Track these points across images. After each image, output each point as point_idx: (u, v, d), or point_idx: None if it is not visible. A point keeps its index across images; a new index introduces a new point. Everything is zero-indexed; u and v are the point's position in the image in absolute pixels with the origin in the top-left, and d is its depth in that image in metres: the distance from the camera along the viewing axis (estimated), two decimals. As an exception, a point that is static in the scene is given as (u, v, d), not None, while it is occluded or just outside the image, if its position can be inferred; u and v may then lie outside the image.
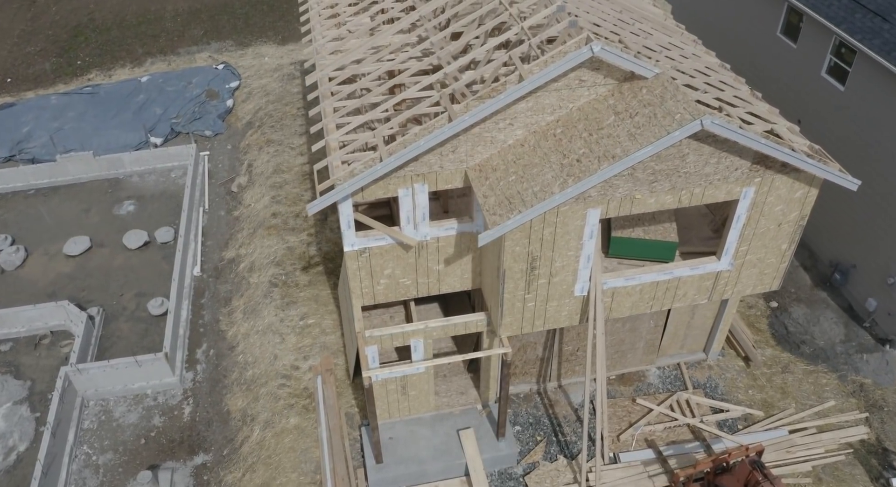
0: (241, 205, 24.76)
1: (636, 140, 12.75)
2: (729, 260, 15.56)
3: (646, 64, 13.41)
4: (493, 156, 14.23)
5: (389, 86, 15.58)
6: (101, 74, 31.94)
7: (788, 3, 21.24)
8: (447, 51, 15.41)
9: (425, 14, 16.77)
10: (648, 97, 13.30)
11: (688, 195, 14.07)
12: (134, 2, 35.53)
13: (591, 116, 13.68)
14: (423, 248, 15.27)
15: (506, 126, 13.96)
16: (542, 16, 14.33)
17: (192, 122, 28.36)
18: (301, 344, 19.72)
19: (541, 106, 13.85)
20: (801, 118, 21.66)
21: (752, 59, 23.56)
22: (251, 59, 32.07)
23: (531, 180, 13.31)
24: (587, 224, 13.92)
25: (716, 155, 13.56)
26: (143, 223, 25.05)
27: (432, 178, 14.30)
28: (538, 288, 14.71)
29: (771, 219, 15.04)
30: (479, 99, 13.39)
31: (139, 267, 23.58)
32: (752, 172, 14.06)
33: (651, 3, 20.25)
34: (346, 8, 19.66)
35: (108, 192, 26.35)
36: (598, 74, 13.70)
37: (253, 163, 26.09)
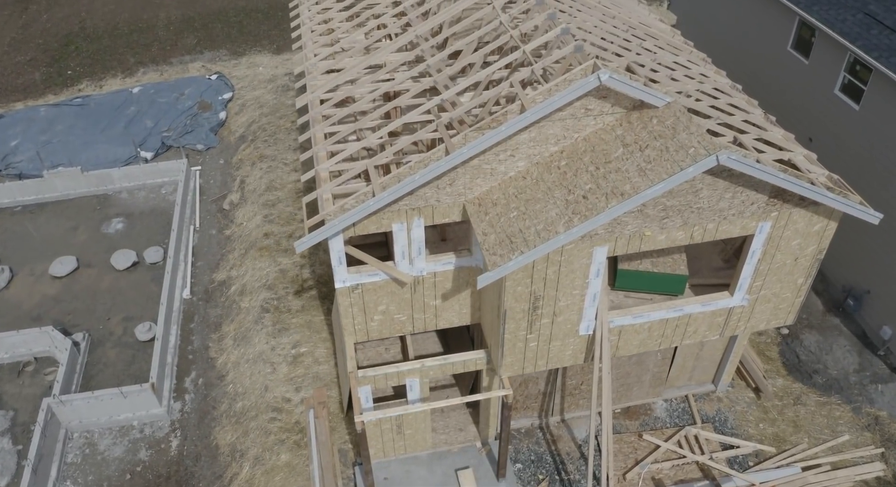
0: (233, 223, 23.79)
1: (646, 176, 11.78)
2: (742, 296, 14.61)
3: (656, 92, 12.43)
4: (493, 188, 13.26)
5: (385, 110, 14.60)
6: (92, 85, 30.93)
7: (800, 17, 20.25)
8: (445, 74, 14.43)
9: (422, 33, 15.78)
10: (659, 128, 12.32)
11: (700, 231, 13.11)
12: (126, 9, 34.50)
13: (597, 148, 12.71)
14: (419, 284, 14.30)
15: (507, 157, 12.99)
16: (546, 38, 13.35)
17: (183, 136, 27.36)
18: (293, 374, 18.76)
19: (544, 136, 12.87)
20: (812, 136, 20.69)
21: (762, 73, 22.57)
22: (245, 69, 31.07)
23: (534, 217, 12.34)
24: (593, 262, 12.96)
25: (731, 189, 12.60)
26: (131, 242, 24.07)
27: (428, 212, 13.33)
28: (541, 327, 13.76)
29: (787, 254, 14.08)
30: (479, 130, 12.41)
31: (127, 290, 22.61)
32: (769, 206, 13.10)
33: (658, 19, 19.25)
34: (340, 23, 18.66)
35: (96, 209, 25.37)
36: (605, 103, 12.72)
37: (245, 179, 25.11)
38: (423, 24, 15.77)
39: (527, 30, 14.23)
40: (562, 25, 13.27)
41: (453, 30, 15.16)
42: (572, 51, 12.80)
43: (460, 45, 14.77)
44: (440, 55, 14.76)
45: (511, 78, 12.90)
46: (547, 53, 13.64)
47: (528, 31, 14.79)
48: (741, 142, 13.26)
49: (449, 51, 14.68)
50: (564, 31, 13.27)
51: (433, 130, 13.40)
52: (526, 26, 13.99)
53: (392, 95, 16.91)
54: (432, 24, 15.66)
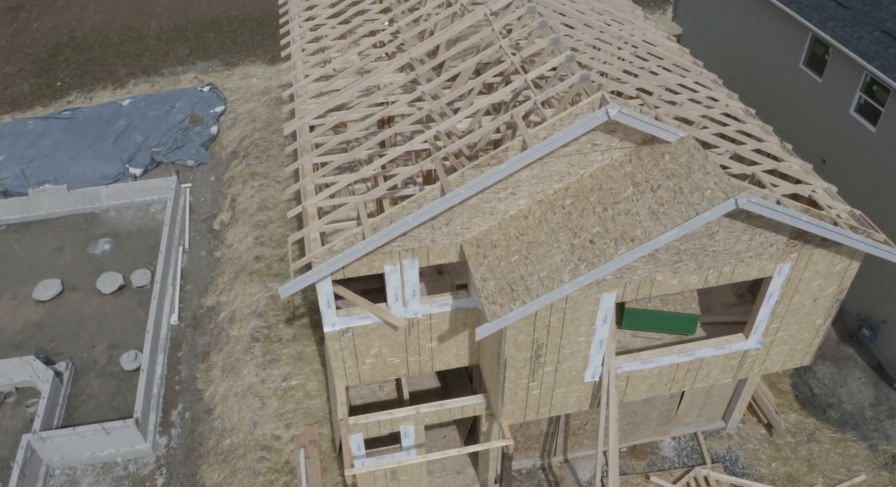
0: (224, 244, 22.77)
1: (659, 220, 10.76)
2: (758, 339, 13.60)
3: (669, 127, 11.39)
4: (492, 228, 12.23)
5: (380, 139, 13.56)
6: (82, 96, 29.87)
7: (813, 33, 19.20)
8: (442, 102, 13.39)
9: (417, 55, 14.74)
10: (672, 166, 11.29)
11: (715, 274, 12.09)
12: (117, 18, 33.39)
13: (605, 186, 11.68)
14: (414, 326, 13.29)
15: (507, 196, 11.96)
16: (550, 66, 12.31)
17: (173, 151, 26.32)
18: (283, 409, 17.76)
19: (547, 173, 11.85)
20: (825, 158, 19.65)
21: (772, 90, 21.52)
22: (238, 80, 30.00)
23: (537, 262, 11.31)
24: (601, 309, 11.95)
25: (749, 231, 11.58)
26: (118, 263, 23.04)
27: (423, 253, 12.31)
28: (544, 375, 12.75)
29: (807, 295, 13.07)
30: (477, 168, 11.38)
31: (113, 315, 21.59)
32: (789, 248, 12.08)
33: (665, 36, 18.20)
34: (333, 41, 17.60)
35: (83, 229, 24.33)
36: (613, 137, 11.69)
37: (237, 198, 24.07)
38: (419, 46, 14.73)
39: (528, 55, 13.19)
40: (566, 52, 12.23)
41: (451, 52, 14.12)
42: (578, 81, 11.77)
43: (458, 70, 13.74)
44: (437, 81, 13.72)
45: (512, 110, 11.86)
46: (550, 81, 12.61)
47: (529, 56, 13.76)
48: (759, 179, 12.25)
49: (446, 76, 13.64)
50: (569, 59, 12.23)
51: (429, 161, 12.38)
52: (527, 51, 12.95)
53: (387, 121, 15.90)
54: (428, 46, 14.61)
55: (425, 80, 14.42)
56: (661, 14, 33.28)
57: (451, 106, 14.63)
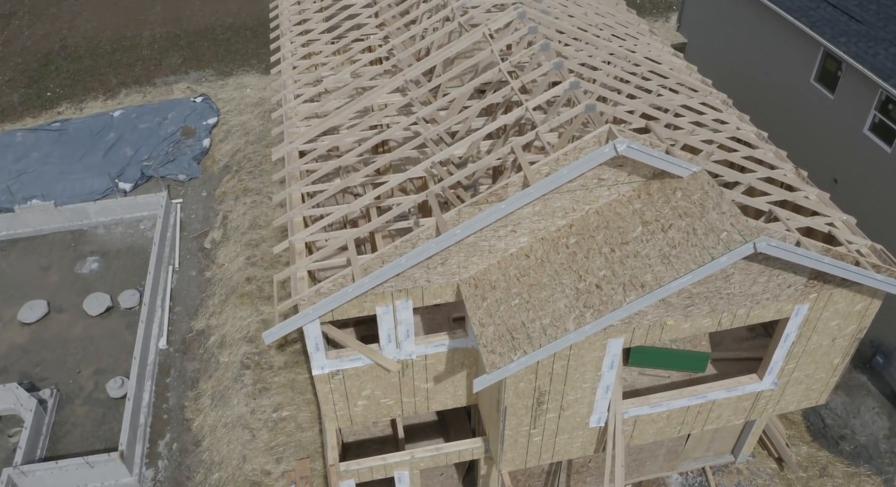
0: (214, 264, 21.90)
1: (671, 264, 9.89)
2: (772, 380, 12.75)
3: (681, 162, 10.52)
4: (491, 267, 11.37)
5: (372, 169, 12.68)
6: (72, 107, 28.97)
7: (824, 47, 18.31)
8: (438, 129, 12.52)
9: (412, 77, 13.85)
10: (685, 204, 10.42)
11: (729, 317, 11.23)
12: (109, 26, 32.46)
13: (612, 224, 10.81)
14: (409, 367, 12.44)
15: (507, 233, 11.10)
16: (553, 93, 11.44)
17: (164, 165, 25.43)
18: (274, 442, 16.91)
19: (550, 209, 10.98)
20: (837, 178, 18.78)
21: (781, 106, 20.63)
22: (232, 91, 29.10)
23: (539, 308, 10.45)
24: (607, 355, 11.10)
25: (766, 273, 10.72)
26: (106, 283, 22.18)
27: (417, 293, 11.45)
28: (546, 422, 11.90)
29: (825, 335, 12.22)
30: (475, 205, 10.52)
31: (100, 338, 20.73)
32: (808, 288, 11.23)
33: (672, 53, 17.31)
34: (326, 58, 16.70)
35: (70, 247, 23.47)
36: (620, 172, 10.82)
37: (228, 215, 23.20)
38: (415, 67, 13.84)
39: (530, 80, 12.31)
40: (570, 79, 11.36)
41: (447, 75, 13.24)
42: (583, 111, 10.91)
43: (455, 95, 12.87)
44: (433, 106, 12.85)
45: (513, 143, 10.99)
46: (553, 109, 11.73)
47: (531, 81, 12.88)
48: (776, 215, 11.38)
49: (443, 101, 12.77)
50: (573, 86, 11.36)
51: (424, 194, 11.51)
52: (529, 76, 12.07)
53: (382, 145, 15.04)
54: (424, 67, 13.73)
55: (420, 104, 13.55)
56: (663, 22, 32.37)
57: (449, 129, 13.77)
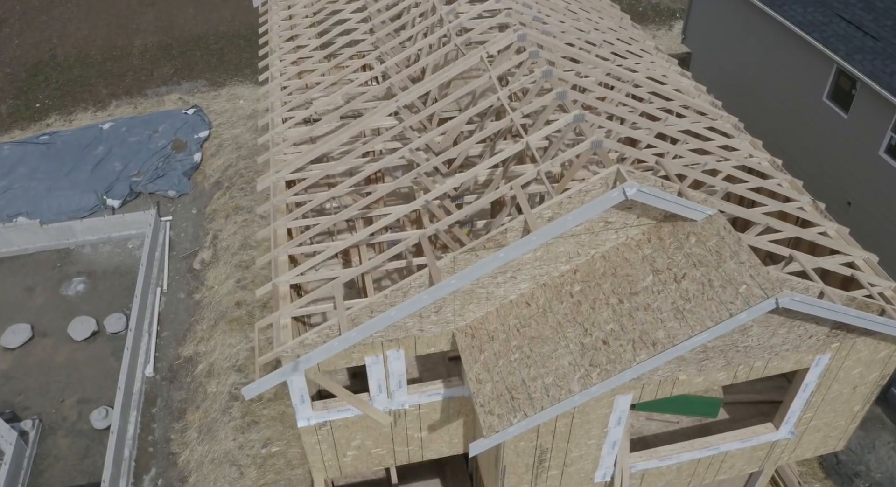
0: (204, 286, 21.01)
1: (685, 320, 8.99)
2: (789, 429, 11.86)
3: (695, 205, 9.61)
4: (489, 315, 10.46)
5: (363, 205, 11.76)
6: (61, 119, 28.05)
7: (838, 65, 17.39)
8: (434, 162, 11.60)
9: (405, 102, 12.92)
10: (699, 251, 9.51)
11: (746, 370, 10.34)
12: (100, 35, 31.50)
13: (620, 271, 9.91)
14: (401, 417, 11.55)
15: (506, 280, 10.20)
16: (556, 127, 10.53)
17: (154, 181, 24.53)
18: (262, 480, 16.04)
19: (553, 254, 10.08)
20: (850, 200, 17.88)
21: (791, 124, 19.71)
22: (225, 102, 28.17)
23: (541, 364, 9.55)
24: (614, 411, 10.20)
25: (786, 324, 9.82)
26: (92, 306, 21.29)
27: (409, 343, 10.55)
28: (548, 479, 11.01)
29: (846, 383, 11.33)
30: (472, 251, 9.62)
31: (84, 365, 19.85)
32: (830, 338, 10.33)
33: (679, 72, 16.35)
34: (318, 78, 15.75)
35: (56, 267, 22.58)
36: (629, 214, 9.92)
37: (219, 234, 22.30)
38: (409, 93, 12.93)
39: (531, 111, 11.39)
40: (575, 112, 10.44)
41: (442, 104, 12.32)
42: (588, 148, 9.99)
43: (451, 125, 11.96)
44: (429, 135, 11.93)
45: (513, 183, 10.08)
46: (556, 143, 10.82)
47: (532, 112, 11.97)
48: (796, 259, 10.48)
49: (437, 131, 11.85)
50: (578, 119, 10.44)
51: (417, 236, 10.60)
52: (529, 107, 11.15)
53: (375, 176, 14.14)
54: (419, 92, 12.80)
55: (415, 131, 12.63)
56: (666, 30, 31.42)
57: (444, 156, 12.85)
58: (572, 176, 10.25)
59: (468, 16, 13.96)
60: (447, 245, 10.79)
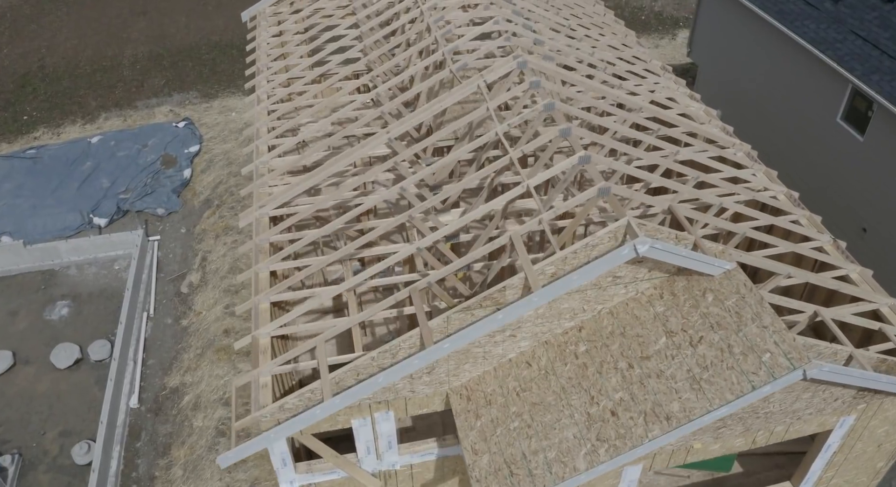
0: (192, 311, 20.09)
1: (702, 391, 8.08)
2: (810, 490, 10.98)
3: (712, 259, 8.70)
4: (486, 374, 9.56)
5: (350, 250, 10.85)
6: (49, 132, 27.09)
7: (853, 85, 16.45)
8: (427, 205, 10.67)
9: (397, 134, 11.99)
10: (717, 311, 8.60)
11: (766, 435, 9.44)
12: (89, 45, 30.52)
13: (629, 331, 8.99)
14: (392, 477, 10.65)
15: (505, 338, 9.29)
16: (559, 169, 9.61)
17: (142, 198, 23.58)
18: (249, 524, 15.16)
19: (556, 311, 9.17)
20: (866, 227, 16.95)
21: (803, 144, 18.76)
22: (216, 114, 27.20)
23: (543, 435, 8.64)
24: (623, 480, 9.30)
25: (811, 389, 8.92)
26: (76, 331, 20.36)
27: (399, 404, 9.65)
28: (550, 549, 10.11)
29: (870, 442, 10.43)
30: (467, 310, 8.71)
31: (67, 395, 18.93)
32: (856, 399, 9.43)
33: (688, 94, 15.41)
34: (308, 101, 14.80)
35: (40, 289, 21.64)
36: (639, 268, 9.01)
37: (207, 255, 21.37)
38: (401, 124, 12.01)
39: (532, 149, 10.45)
40: (580, 152, 9.51)
41: (436, 136, 11.39)
42: (595, 195, 9.07)
43: (445, 162, 11.03)
44: (422, 173, 11.01)
45: (511, 233, 9.16)
46: (559, 188, 9.89)
47: (534, 150, 11.05)
48: (821, 316, 9.56)
49: (430, 170, 10.93)
50: (584, 160, 9.51)
51: (406, 291, 9.69)
52: (531, 145, 10.23)
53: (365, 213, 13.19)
54: (412, 123, 11.87)
55: (409, 168, 11.70)
56: (670, 39, 30.43)
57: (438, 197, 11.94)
58: (577, 224, 9.33)
59: (465, 39, 13.03)
60: (440, 299, 9.86)
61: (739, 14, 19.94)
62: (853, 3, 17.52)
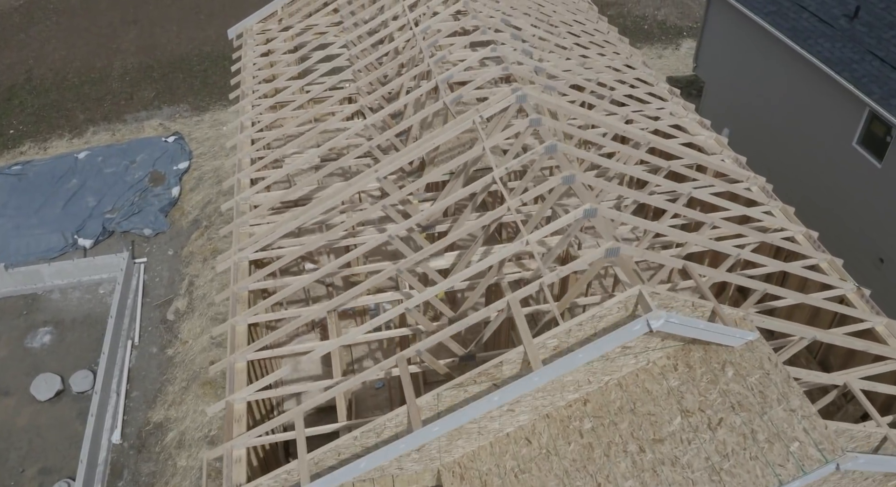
0: (178, 339, 19.15)
1: (723, 484, 7.13)
2: (834, 565, 10.03)
3: (734, 331, 7.75)
4: (481, 450, 8.60)
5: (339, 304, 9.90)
6: (36, 146, 26.13)
7: (871, 109, 15.46)
8: (416, 258, 9.72)
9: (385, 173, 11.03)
10: (738, 389, 7.65)
11: (791, 518, 8.49)
12: (78, 56, 29.53)
13: (640, 407, 8.04)
14: (380, 552, 9.72)
15: (503, 413, 8.34)
16: (562, 223, 8.65)
17: (129, 218, 22.63)
18: None
19: (559, 383, 8.22)
20: (883, 257, 15.99)
21: (816, 169, 17.77)
22: (207, 128, 26.23)
23: (544, 527, 7.71)
24: (632, 571, 8.36)
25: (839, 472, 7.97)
26: (58, 360, 19.42)
27: (386, 482, 8.70)
28: None
29: (903, 516, 9.49)
30: (460, 387, 7.77)
31: (47, 429, 18.00)
32: (888, 477, 8.49)
33: (697, 120, 14.42)
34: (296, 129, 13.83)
35: (21, 315, 20.70)
36: (652, 337, 8.05)
37: (195, 280, 20.43)
38: (391, 161, 11.04)
39: (531, 198, 9.47)
40: (585, 206, 8.55)
41: (426, 179, 10.43)
42: (602, 255, 8.11)
43: (437, 209, 10.07)
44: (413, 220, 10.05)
45: (510, 298, 8.21)
46: (562, 243, 8.93)
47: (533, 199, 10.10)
48: (850, 387, 8.62)
49: (423, 216, 9.97)
50: (589, 214, 8.55)
51: (393, 359, 8.74)
52: (530, 194, 9.26)
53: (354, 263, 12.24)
54: (403, 161, 10.91)
55: (397, 217, 10.74)
56: (673, 49, 29.41)
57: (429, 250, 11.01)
58: (580, 290, 8.38)
59: (461, 67, 12.06)
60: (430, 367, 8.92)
61: (748, 29, 18.94)
62: (870, 21, 16.53)
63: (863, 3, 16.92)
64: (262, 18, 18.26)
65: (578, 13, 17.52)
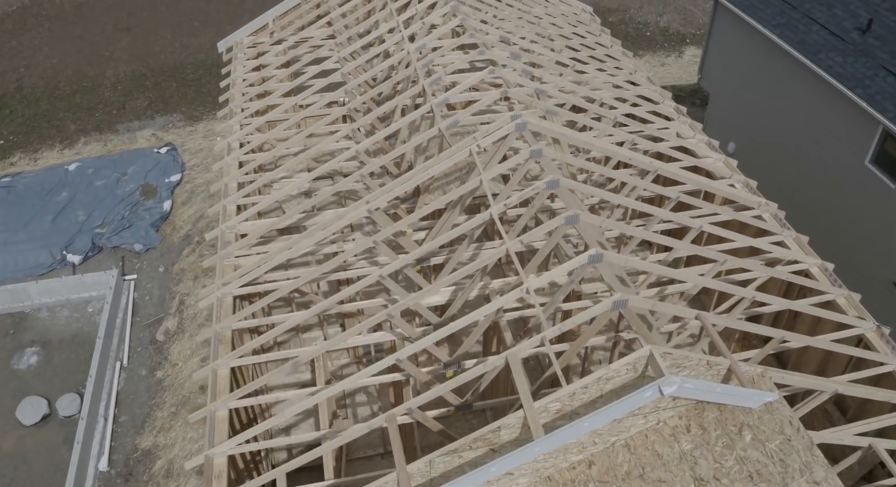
0: (167, 361, 18.51)
1: (743, 566, 6.48)
2: None
3: (752, 392, 7.08)
4: (478, 513, 7.96)
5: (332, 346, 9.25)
6: (26, 157, 25.46)
7: (885, 127, 14.78)
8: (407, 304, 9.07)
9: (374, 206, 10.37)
10: (757, 456, 6.99)
11: None
12: (70, 64, 28.84)
13: (649, 472, 7.38)
14: None
15: (500, 477, 7.68)
16: (566, 269, 7.99)
17: (119, 233, 21.97)
18: None
19: (562, 446, 7.56)
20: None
21: (827, 187, 17.08)
22: (201, 139, 25.56)
23: None
24: None
25: (870, 543, 7.33)
26: (45, 382, 18.78)
27: (376, 547, 8.06)
28: None
29: None
30: (454, 453, 7.11)
31: (33, 455, 17.37)
32: (920, 543, 7.84)
33: (706, 142, 13.74)
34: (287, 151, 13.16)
35: (8, 334, 20.05)
36: (663, 398, 7.39)
37: (185, 299, 19.78)
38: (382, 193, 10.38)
39: (531, 240, 8.81)
40: (591, 251, 7.88)
41: (418, 214, 9.77)
42: (609, 308, 7.45)
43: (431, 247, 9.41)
44: (406, 259, 9.40)
45: (508, 354, 7.56)
46: (563, 291, 8.27)
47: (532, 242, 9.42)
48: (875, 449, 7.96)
49: (414, 255, 9.31)
50: (594, 259, 7.89)
51: (383, 418, 8.08)
52: (529, 236, 8.60)
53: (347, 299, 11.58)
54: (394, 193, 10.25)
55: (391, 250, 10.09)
56: (676, 57, 28.71)
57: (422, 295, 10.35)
58: (583, 344, 7.72)
59: (458, 90, 11.38)
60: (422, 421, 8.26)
61: (756, 42, 18.24)
62: (883, 35, 15.83)
63: (875, 16, 16.23)
64: (253, 31, 17.58)
65: (580, 26, 16.83)
